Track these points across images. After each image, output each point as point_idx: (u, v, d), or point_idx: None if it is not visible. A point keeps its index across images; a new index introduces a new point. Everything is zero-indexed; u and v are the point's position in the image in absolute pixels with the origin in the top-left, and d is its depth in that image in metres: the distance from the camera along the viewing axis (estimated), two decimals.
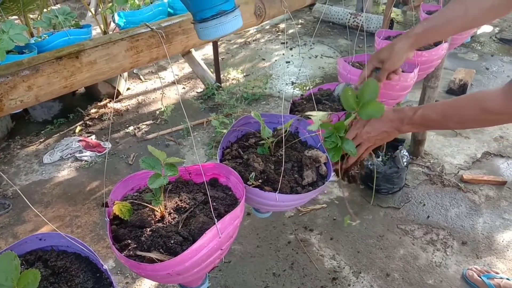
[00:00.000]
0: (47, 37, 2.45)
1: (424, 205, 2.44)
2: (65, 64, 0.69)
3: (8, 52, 2.16)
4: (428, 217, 2.35)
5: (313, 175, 1.30)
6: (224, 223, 1.04)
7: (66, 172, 2.90)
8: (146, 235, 1.04)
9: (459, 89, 3.59)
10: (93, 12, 3.67)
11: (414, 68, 1.75)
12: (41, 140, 3.28)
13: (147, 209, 1.11)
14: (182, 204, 1.17)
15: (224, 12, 0.74)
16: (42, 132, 3.38)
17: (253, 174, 1.23)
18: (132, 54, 0.78)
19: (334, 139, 1.28)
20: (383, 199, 2.48)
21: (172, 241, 1.01)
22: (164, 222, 1.10)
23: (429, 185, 2.60)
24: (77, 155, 3.02)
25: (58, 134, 3.34)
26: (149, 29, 0.81)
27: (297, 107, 1.66)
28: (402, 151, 2.44)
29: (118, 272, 2.11)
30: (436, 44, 1.93)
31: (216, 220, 1.02)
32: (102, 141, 3.21)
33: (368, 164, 2.44)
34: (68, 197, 2.66)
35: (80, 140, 3.13)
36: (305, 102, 1.69)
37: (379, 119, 1.20)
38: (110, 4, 2.85)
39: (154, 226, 1.07)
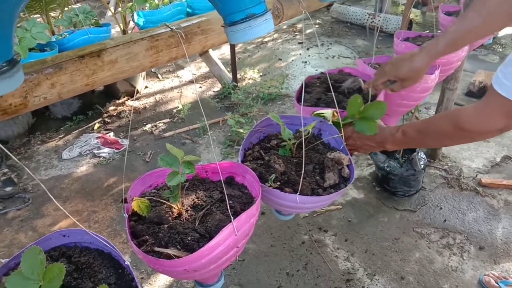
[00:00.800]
0: (67, 35, 2.50)
1: (441, 208, 2.41)
2: (87, 63, 0.70)
3: (30, 50, 2.21)
4: (445, 220, 2.32)
5: (335, 177, 1.29)
6: (240, 221, 1.05)
7: (84, 168, 2.95)
8: (163, 231, 1.05)
9: (479, 92, 3.52)
10: (113, 11, 3.72)
11: (435, 69, 1.73)
12: (61, 136, 3.34)
13: (165, 206, 1.13)
14: (199, 201, 1.19)
15: (254, 15, 0.74)
16: (61, 128, 3.44)
17: (272, 175, 1.23)
18: (152, 53, 0.80)
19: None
20: (399, 202, 2.46)
21: (189, 238, 1.02)
22: (181, 219, 1.12)
23: (447, 188, 2.56)
24: (95, 151, 3.07)
25: (77, 130, 3.40)
26: (169, 29, 0.83)
27: (309, 87, 1.65)
28: (419, 154, 2.42)
29: (134, 267, 2.14)
30: None
31: (232, 217, 1.03)
32: (120, 138, 3.25)
33: (384, 166, 2.42)
34: (86, 193, 2.71)
35: (98, 137, 3.18)
36: (318, 84, 1.68)
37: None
38: (130, 3, 2.89)
39: (171, 223, 1.09)
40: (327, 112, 1.43)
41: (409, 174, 2.39)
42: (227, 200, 1.08)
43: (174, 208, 1.13)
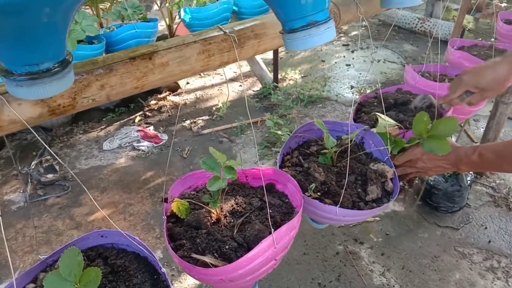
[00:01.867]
0: (115, 29, 2.53)
1: (485, 228, 2.28)
2: (138, 65, 0.68)
3: (78, 42, 2.25)
4: (490, 241, 2.20)
5: (377, 191, 1.23)
6: (280, 233, 1.01)
7: (123, 160, 2.99)
8: (201, 237, 1.03)
9: None
10: (159, 6, 3.76)
11: None
12: (102, 127, 3.41)
13: (204, 210, 1.11)
14: (238, 208, 1.16)
15: (316, 23, 0.69)
16: (103, 119, 3.52)
17: (313, 185, 1.19)
18: (204, 57, 0.77)
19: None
20: (441, 218, 2.35)
21: (227, 247, 1.00)
22: (220, 225, 1.09)
23: (493, 207, 2.42)
24: (135, 144, 3.11)
25: (118, 122, 3.46)
26: (222, 32, 0.80)
27: (366, 107, 1.56)
28: None
29: (165, 263, 2.15)
30: None
31: (272, 229, 0.99)
32: (160, 132, 3.28)
33: (428, 179, 2.31)
34: (123, 185, 2.75)
35: (138, 130, 3.23)
36: (376, 103, 1.58)
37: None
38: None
39: (210, 228, 1.06)
40: (389, 121, 1.33)
41: (454, 190, 2.28)
42: (268, 210, 1.04)
43: (213, 213, 1.10)
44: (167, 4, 3.05)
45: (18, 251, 2.29)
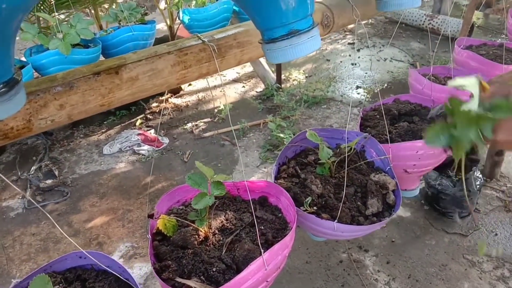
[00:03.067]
0: (113, 31, 2.47)
1: (496, 234, 2.19)
2: (103, 81, 0.62)
3: (74, 46, 2.20)
4: None
5: (378, 205, 1.16)
6: (272, 253, 0.95)
7: (123, 165, 2.94)
8: (187, 257, 0.97)
9: None
10: (160, 7, 3.70)
11: None
12: (103, 130, 3.37)
13: (191, 228, 1.04)
14: (228, 224, 1.09)
15: (297, 31, 0.62)
16: (104, 122, 3.47)
17: (309, 199, 1.12)
18: (180, 69, 0.70)
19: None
20: (449, 224, 2.26)
21: (214, 269, 0.94)
22: (208, 244, 1.03)
23: (504, 212, 2.33)
24: (135, 148, 3.06)
25: (119, 125, 3.41)
26: (200, 41, 0.73)
27: (369, 121, 1.48)
28: (475, 173, 2.20)
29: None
30: None
31: (262, 250, 0.92)
32: (161, 136, 3.23)
33: (436, 184, 2.22)
34: (123, 190, 2.70)
35: (139, 134, 3.18)
36: (378, 116, 1.49)
37: None
38: (177, 0, 2.84)
39: (196, 248, 1.00)
40: (470, 81, 0.98)
41: (462, 195, 2.19)
42: (257, 230, 0.97)
43: (201, 231, 1.04)
44: (165, 5, 2.99)
45: (15, 259, 2.26)
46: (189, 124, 3.38)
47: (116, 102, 0.65)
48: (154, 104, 3.65)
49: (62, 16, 2.96)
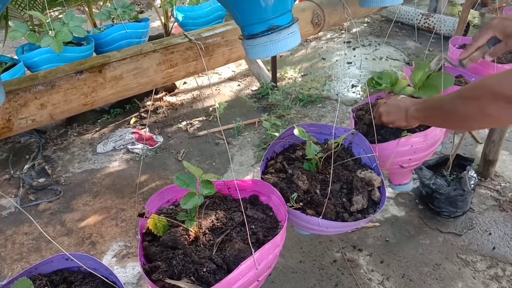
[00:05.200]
0: (106, 29, 2.46)
1: (490, 234, 2.19)
2: (86, 80, 0.61)
3: (67, 43, 2.18)
4: (494, 248, 2.10)
5: (363, 201, 1.15)
6: (263, 252, 0.94)
7: (117, 164, 2.93)
8: (178, 258, 0.96)
9: None
10: (154, 5, 3.69)
11: None
12: (97, 129, 3.35)
13: (181, 228, 1.03)
14: (218, 224, 1.08)
15: (277, 27, 0.62)
16: (98, 121, 3.45)
17: (295, 195, 1.11)
18: (165, 68, 0.69)
19: None
20: (443, 223, 2.26)
21: (204, 269, 0.92)
22: (198, 244, 1.02)
23: (498, 211, 2.33)
24: (129, 147, 3.04)
25: (113, 124, 3.39)
26: (187, 39, 0.72)
27: (362, 120, 1.46)
28: (470, 172, 2.20)
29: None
30: None
31: (253, 249, 0.91)
32: (155, 134, 3.21)
33: (430, 183, 2.22)
34: (116, 189, 2.68)
35: (133, 132, 3.16)
36: (364, 113, 1.49)
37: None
38: None
39: (187, 248, 0.99)
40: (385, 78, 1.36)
41: (456, 194, 2.18)
42: (247, 229, 0.96)
43: (191, 231, 1.03)
44: (157, 2, 2.97)
45: (7, 258, 2.24)
46: (184, 123, 3.37)
47: (100, 102, 0.63)
48: (149, 103, 3.63)
49: (57, 13, 2.93)
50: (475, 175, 2.24)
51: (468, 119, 0.88)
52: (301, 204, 1.12)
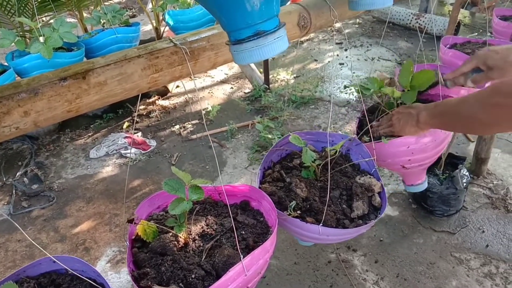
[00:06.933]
0: (97, 34, 2.45)
1: (483, 232, 2.20)
2: (70, 86, 0.60)
3: (57, 49, 2.17)
4: (487, 246, 2.11)
5: (364, 207, 1.15)
6: (252, 258, 0.93)
7: (110, 169, 2.91)
8: (166, 264, 0.95)
9: None
10: (145, 9, 3.68)
11: None
12: (90, 134, 3.33)
13: (170, 234, 1.02)
14: (208, 230, 1.08)
15: (263, 32, 0.61)
16: (91, 126, 3.44)
17: (293, 203, 1.11)
18: (150, 73, 0.69)
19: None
20: (437, 222, 2.26)
21: (193, 276, 0.92)
22: (187, 250, 1.02)
23: (491, 209, 2.34)
24: (122, 151, 3.03)
25: (106, 129, 3.38)
26: (172, 44, 0.71)
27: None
28: (462, 171, 2.21)
29: None
30: None
31: (242, 255, 0.91)
32: (148, 138, 3.20)
33: None
34: (109, 194, 2.67)
35: (126, 137, 3.15)
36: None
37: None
38: (162, 2, 2.81)
39: (176, 254, 0.98)
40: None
41: (449, 193, 2.19)
42: (235, 235, 0.96)
43: (180, 237, 1.02)
44: (149, 7, 2.97)
45: (0, 266, 2.22)
46: (177, 126, 3.36)
47: (84, 108, 0.63)
48: (141, 107, 3.62)
49: (48, 18, 2.92)
50: (467, 173, 2.25)
51: (492, 125, 0.92)
52: (299, 212, 1.11)
